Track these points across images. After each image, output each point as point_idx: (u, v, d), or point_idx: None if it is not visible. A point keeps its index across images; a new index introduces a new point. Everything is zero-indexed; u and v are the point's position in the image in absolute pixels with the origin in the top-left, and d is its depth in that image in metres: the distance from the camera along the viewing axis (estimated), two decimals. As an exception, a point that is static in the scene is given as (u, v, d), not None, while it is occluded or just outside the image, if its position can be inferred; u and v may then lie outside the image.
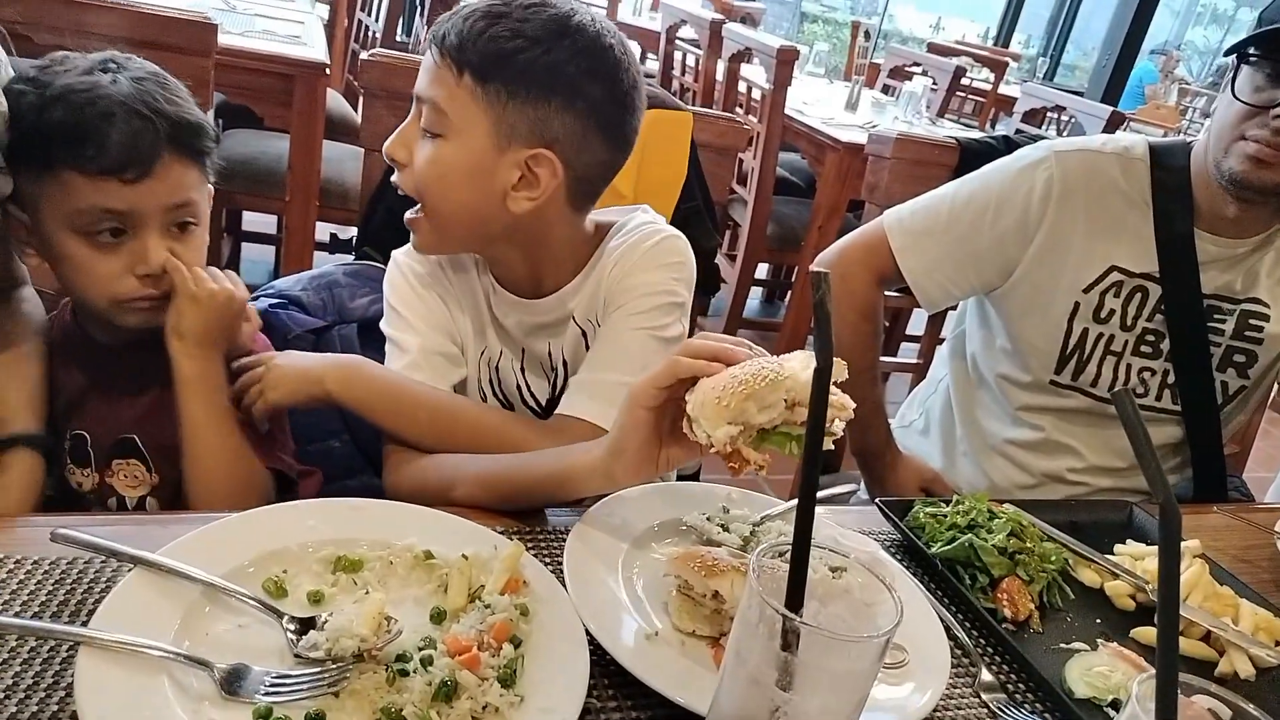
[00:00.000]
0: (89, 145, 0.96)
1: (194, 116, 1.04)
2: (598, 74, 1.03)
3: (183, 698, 0.66)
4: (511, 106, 1.01)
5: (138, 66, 1.05)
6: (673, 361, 0.83)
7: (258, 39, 2.48)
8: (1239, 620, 1.01)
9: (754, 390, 0.76)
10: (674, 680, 0.75)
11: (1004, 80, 5.93)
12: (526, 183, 1.05)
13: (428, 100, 1.03)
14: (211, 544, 0.79)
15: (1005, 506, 1.10)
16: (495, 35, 1.00)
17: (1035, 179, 1.41)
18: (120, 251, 1.01)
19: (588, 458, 0.91)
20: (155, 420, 1.11)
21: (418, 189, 1.07)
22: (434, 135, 1.04)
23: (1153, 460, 0.59)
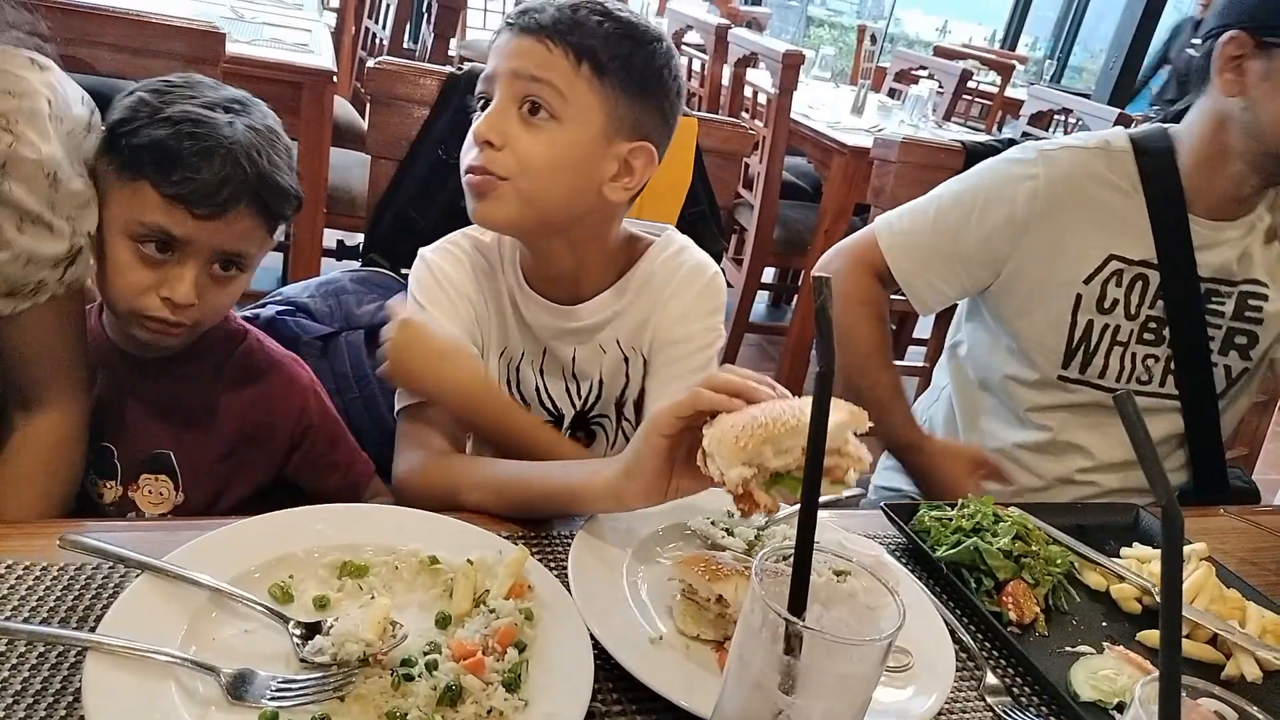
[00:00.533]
0: (178, 171, 0.98)
1: (286, 181, 1.07)
2: (677, 77, 1.12)
3: (189, 702, 0.67)
4: (624, 101, 1.06)
5: (260, 116, 1.07)
6: (695, 393, 0.84)
7: (265, 47, 2.49)
8: (1246, 623, 1.01)
9: (772, 434, 0.76)
10: (678, 684, 0.76)
11: (1011, 83, 5.92)
12: (622, 174, 1.09)
13: (545, 81, 1.03)
14: (218, 550, 0.80)
15: (1010, 510, 1.10)
16: (609, 32, 1.05)
17: (1022, 178, 1.43)
18: (158, 268, 1.02)
19: (598, 478, 0.91)
20: (191, 439, 1.13)
21: (517, 170, 1.05)
22: (548, 117, 1.04)
23: (1155, 462, 0.60)
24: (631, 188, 1.10)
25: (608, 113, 1.06)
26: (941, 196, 1.51)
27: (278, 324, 1.46)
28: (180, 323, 1.04)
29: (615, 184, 1.09)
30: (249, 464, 1.17)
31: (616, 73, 1.05)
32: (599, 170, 1.08)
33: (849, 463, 0.78)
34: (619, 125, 1.07)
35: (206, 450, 1.13)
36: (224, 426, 1.14)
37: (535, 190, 1.06)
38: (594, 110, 1.05)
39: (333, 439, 1.23)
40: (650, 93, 1.08)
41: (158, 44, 1.44)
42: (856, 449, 0.79)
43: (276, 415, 1.17)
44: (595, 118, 1.05)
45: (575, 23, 1.04)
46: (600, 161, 1.07)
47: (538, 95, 1.03)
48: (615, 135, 1.07)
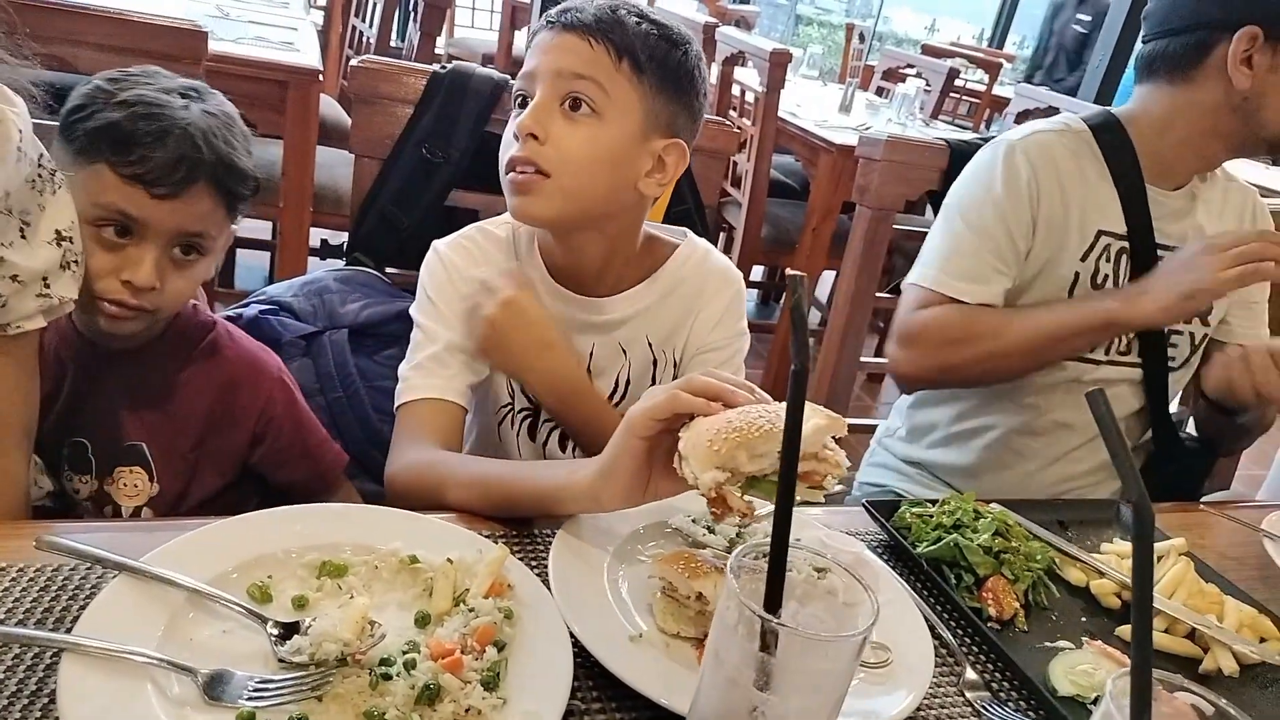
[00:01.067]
0: (134, 151, 0.99)
1: (242, 164, 1.08)
2: (705, 78, 1.17)
3: (166, 703, 0.66)
4: (660, 99, 1.10)
5: (215, 103, 1.08)
6: (672, 396, 0.84)
7: (251, 45, 2.48)
8: (1224, 617, 1.02)
9: (747, 439, 0.76)
10: (658, 681, 0.76)
11: (999, 81, 5.94)
12: (656, 169, 1.13)
13: (589, 77, 1.06)
14: (196, 550, 0.79)
15: (991, 506, 1.11)
16: (646, 32, 1.08)
17: (1013, 173, 1.45)
18: (117, 253, 1.02)
19: (576, 479, 0.91)
20: (163, 429, 1.13)
21: (559, 165, 1.07)
22: (590, 112, 1.07)
23: (1126, 458, 0.60)
24: (664, 183, 1.14)
25: (645, 110, 1.09)
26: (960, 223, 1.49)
27: (261, 323, 1.45)
28: (141, 307, 1.04)
29: (650, 179, 1.13)
30: (217, 453, 1.17)
31: (654, 71, 1.08)
32: (636, 166, 1.11)
33: (826, 468, 0.78)
34: (655, 122, 1.10)
35: (177, 440, 1.13)
36: (193, 416, 1.14)
37: (577, 185, 1.08)
38: (633, 107, 1.08)
39: (299, 432, 1.23)
40: (683, 91, 1.12)
41: (140, 43, 1.43)
42: (834, 454, 0.79)
43: (241, 405, 1.17)
44: (634, 114, 1.09)
45: (616, 21, 1.07)
46: (638, 157, 1.11)
47: (581, 91, 1.06)
48: (651, 132, 1.10)
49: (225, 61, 2.25)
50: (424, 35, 3.71)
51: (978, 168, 1.51)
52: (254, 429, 1.18)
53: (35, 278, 0.92)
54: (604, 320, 1.20)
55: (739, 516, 0.79)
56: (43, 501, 1.10)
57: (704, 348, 1.22)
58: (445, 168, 1.59)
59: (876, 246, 1.87)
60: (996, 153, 1.48)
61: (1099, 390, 0.61)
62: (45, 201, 0.92)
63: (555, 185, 1.07)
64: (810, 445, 0.77)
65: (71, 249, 0.95)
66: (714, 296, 1.23)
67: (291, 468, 1.22)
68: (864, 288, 1.88)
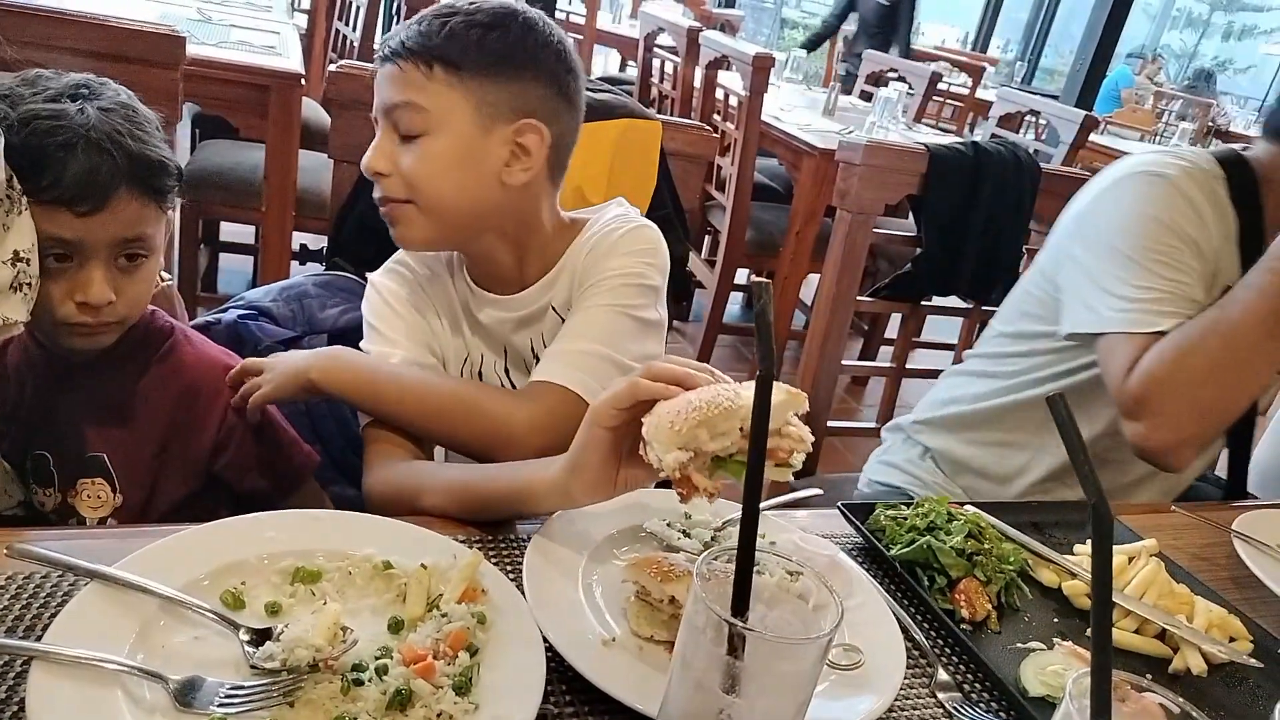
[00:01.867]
0: (46, 175, 0.95)
1: (157, 154, 1.04)
2: (548, 45, 1.12)
3: (137, 711, 0.67)
4: (489, 87, 1.08)
5: (110, 95, 1.04)
6: (633, 383, 0.84)
7: (232, 49, 2.48)
8: (1194, 617, 1.03)
9: (707, 417, 0.77)
10: (630, 686, 0.76)
11: (982, 85, 5.99)
12: (516, 156, 1.10)
13: (402, 104, 1.07)
14: (168, 557, 0.79)
15: (965, 508, 1.12)
16: (454, 28, 1.07)
17: (1183, 198, 1.37)
18: (64, 278, 1.00)
19: (546, 475, 0.92)
20: (123, 440, 1.12)
21: (410, 190, 1.09)
22: (416, 137, 1.07)
23: (1085, 461, 0.61)
24: (531, 168, 1.11)
25: (475, 104, 1.07)
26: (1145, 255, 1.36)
27: (240, 328, 1.45)
28: (105, 321, 1.03)
29: (512, 169, 1.11)
30: (180, 462, 1.15)
31: (472, 63, 1.07)
32: (488, 161, 1.10)
33: (790, 443, 0.78)
34: (493, 112, 1.08)
35: (138, 450, 1.12)
36: (153, 425, 1.13)
37: (433, 202, 1.09)
38: (457, 108, 1.07)
39: (263, 437, 1.20)
40: (518, 70, 1.09)
41: (117, 47, 1.42)
42: (799, 429, 0.79)
43: (201, 412, 1.15)
44: (462, 115, 1.07)
45: (420, 34, 1.07)
46: (486, 153, 1.09)
47: (400, 119, 1.08)
48: (493, 123, 1.09)
49: (206, 65, 2.25)
50: (407, 39, 3.69)
51: (1137, 198, 1.40)
52: (216, 436, 1.16)
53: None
54: (530, 312, 1.21)
55: (706, 497, 0.79)
56: (14, 511, 1.09)
57: (585, 285, 1.16)
58: (424, 173, 1.59)
59: (857, 250, 1.88)
60: (1156, 181, 1.39)
61: (1059, 395, 0.62)
62: (10, 223, 0.91)
63: (414, 209, 1.10)
64: (773, 422, 0.76)
65: (27, 271, 0.93)
66: (601, 241, 1.18)
67: (257, 474, 1.20)
68: (845, 291, 1.90)
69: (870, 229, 1.87)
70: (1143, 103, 8.58)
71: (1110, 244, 1.39)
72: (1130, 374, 1.29)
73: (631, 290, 1.15)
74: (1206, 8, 14.19)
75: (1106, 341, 1.36)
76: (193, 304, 2.77)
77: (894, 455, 1.75)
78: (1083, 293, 1.42)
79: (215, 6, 3.02)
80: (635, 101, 1.79)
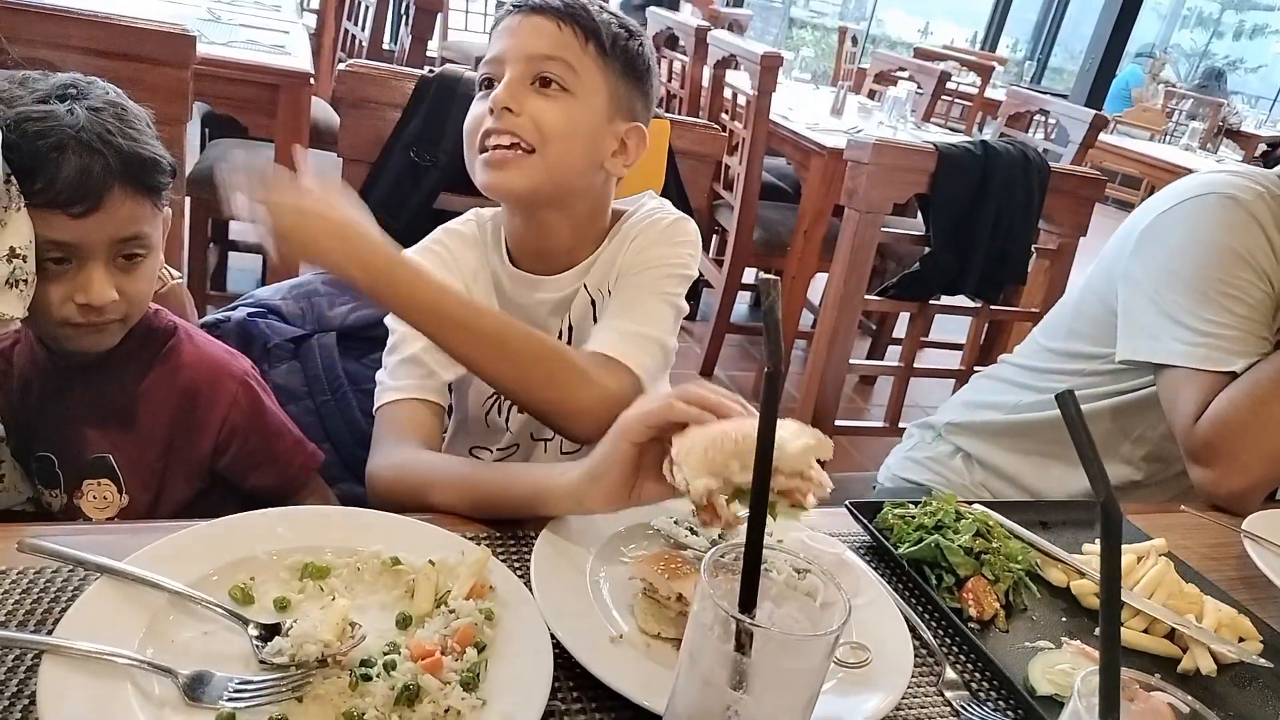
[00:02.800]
0: (38, 178, 0.95)
1: (148, 151, 1.04)
2: (654, 65, 1.21)
3: (146, 704, 0.67)
4: (622, 83, 1.15)
5: (99, 94, 1.03)
6: (668, 404, 0.85)
7: (242, 49, 2.49)
8: (1203, 617, 1.02)
9: (740, 451, 0.78)
10: (638, 682, 0.76)
11: (991, 84, 5.97)
12: (620, 151, 1.17)
13: (557, 58, 1.10)
14: (178, 552, 0.80)
15: (974, 507, 1.11)
16: (608, 20, 1.14)
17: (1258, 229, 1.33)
18: (64, 279, 1.00)
19: (563, 480, 0.92)
20: (128, 441, 1.12)
21: (541, 138, 1.09)
22: (561, 90, 1.10)
23: (1095, 459, 0.61)
24: (628, 165, 1.18)
25: (610, 91, 1.13)
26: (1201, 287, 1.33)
27: (249, 326, 1.46)
28: (108, 320, 1.03)
29: (615, 160, 1.17)
30: (184, 462, 1.15)
31: (618, 56, 1.13)
32: (604, 145, 1.15)
33: (809, 487, 0.79)
34: (618, 105, 1.15)
35: (143, 451, 1.11)
36: (157, 425, 1.12)
37: (556, 158, 1.11)
38: (599, 87, 1.13)
39: (266, 436, 1.19)
40: (641, 79, 1.17)
41: (127, 47, 1.43)
42: (819, 475, 0.80)
43: (203, 412, 1.14)
44: (601, 94, 1.13)
45: (581, 6, 1.12)
46: (604, 137, 1.15)
47: (550, 71, 1.10)
48: (615, 114, 1.15)
49: (216, 65, 2.26)
50: (415, 39, 3.72)
51: (1210, 223, 1.35)
52: (218, 435, 1.15)
53: None
54: (567, 294, 1.22)
55: (725, 526, 0.80)
56: (23, 507, 1.10)
57: (632, 268, 1.18)
58: (433, 171, 1.59)
59: (865, 249, 1.88)
60: (1230, 205, 1.34)
61: (1069, 392, 0.62)
62: (6, 219, 0.91)
63: (538, 159, 1.10)
64: (797, 464, 0.78)
65: (23, 267, 0.93)
66: (648, 229, 1.21)
67: (261, 473, 1.19)
68: (853, 290, 1.90)
69: (878, 228, 1.87)
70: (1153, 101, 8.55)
71: (1176, 269, 1.34)
72: (1200, 419, 1.26)
73: (676, 280, 1.20)
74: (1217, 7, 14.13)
75: (1171, 376, 1.32)
76: (202, 302, 2.78)
77: (921, 452, 1.74)
78: (1143, 317, 1.37)
79: (225, 6, 3.03)
80: (643, 100, 1.79)
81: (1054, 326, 1.64)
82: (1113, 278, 1.47)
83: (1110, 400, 1.49)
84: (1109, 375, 1.49)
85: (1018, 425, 1.61)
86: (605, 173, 1.17)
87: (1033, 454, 1.59)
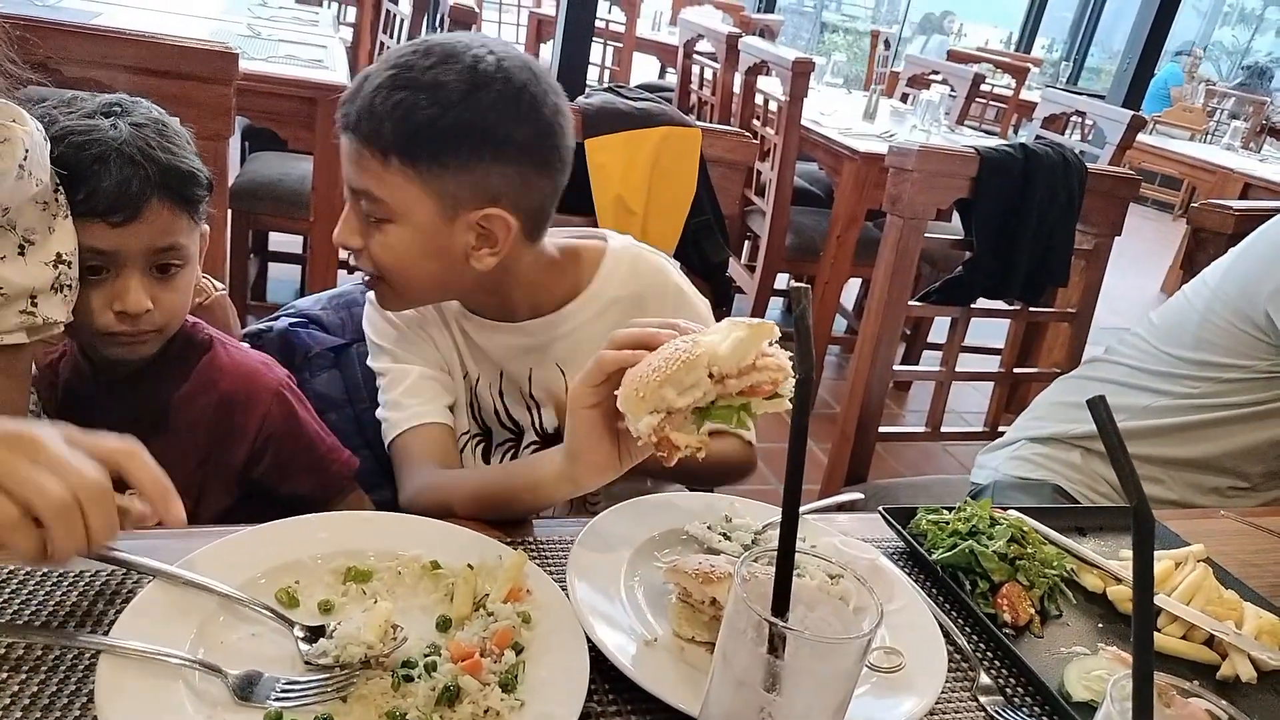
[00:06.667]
0: (81, 188, 1.00)
1: (187, 165, 1.08)
2: (520, 116, 1.02)
3: (198, 703, 0.69)
4: (448, 176, 1.01)
5: (142, 112, 1.08)
6: (599, 357, 0.85)
7: (281, 64, 2.55)
8: (1243, 624, 1.01)
9: (670, 376, 0.77)
10: (672, 684, 0.77)
11: (1027, 85, 5.91)
12: (484, 240, 1.06)
13: (362, 191, 1.03)
14: (227, 556, 0.82)
15: (1008, 513, 1.11)
16: (410, 107, 0.98)
17: None
18: (102, 288, 1.04)
19: (552, 468, 0.93)
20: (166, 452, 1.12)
21: (378, 270, 1.08)
22: (382, 221, 1.04)
23: (1126, 462, 0.61)
24: (499, 251, 1.06)
25: (435, 196, 1.01)
26: None
27: (290, 336, 1.49)
28: (144, 330, 1.07)
29: (479, 253, 1.06)
30: (222, 471, 1.17)
31: (429, 153, 0.99)
32: (454, 248, 1.05)
33: (771, 374, 0.78)
34: (455, 201, 1.02)
35: (182, 461, 1.13)
36: (194, 435, 1.15)
37: (404, 283, 1.09)
38: (419, 201, 1.02)
39: (301, 444, 1.22)
40: (480, 154, 1.01)
41: (173, 65, 1.47)
42: (774, 358, 0.79)
43: (239, 422, 1.17)
44: (423, 207, 1.02)
45: (374, 114, 0.99)
46: (451, 240, 1.04)
47: (365, 205, 1.04)
48: (456, 211, 1.03)
49: (256, 80, 2.31)
50: (450, 50, 3.75)
51: None
52: (253, 444, 1.18)
53: (22, 294, 0.94)
54: (535, 342, 1.19)
55: (692, 453, 0.79)
56: None
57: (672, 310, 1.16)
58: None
59: (908, 255, 1.86)
60: None
61: (1100, 397, 0.62)
62: (56, 225, 0.96)
63: (389, 286, 1.09)
64: (736, 362, 0.77)
65: (69, 273, 0.98)
66: (656, 300, 1.18)
67: (296, 480, 1.22)
68: (896, 296, 1.88)
69: (922, 234, 1.86)
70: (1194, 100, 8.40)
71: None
72: None
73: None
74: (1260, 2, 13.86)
75: None
76: (243, 312, 2.83)
77: (1030, 450, 1.74)
78: None
79: (265, 22, 3.10)
80: (674, 109, 1.80)
81: (1174, 333, 1.65)
82: (1255, 295, 1.51)
83: (1250, 409, 1.54)
84: (1246, 384, 1.54)
85: (1146, 429, 1.63)
86: (476, 269, 1.06)
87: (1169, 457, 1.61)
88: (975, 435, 2.08)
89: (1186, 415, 1.58)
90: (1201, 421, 1.56)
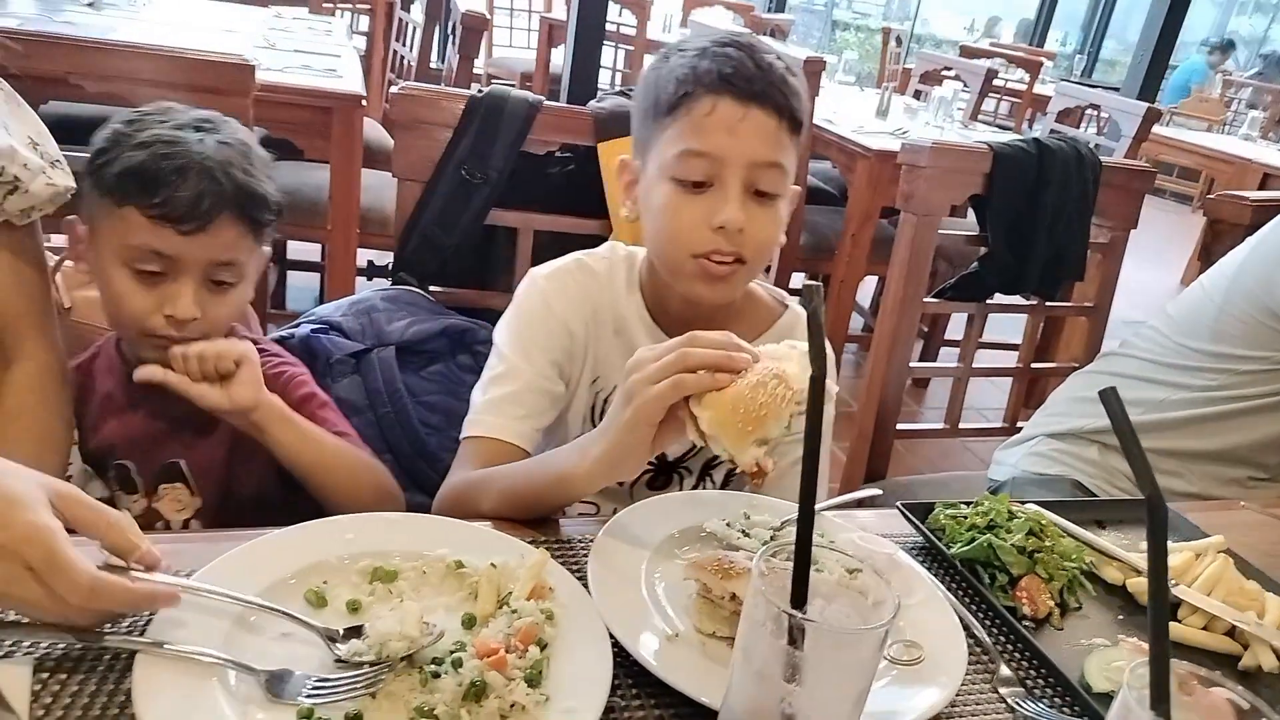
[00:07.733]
0: (158, 192, 1.04)
1: (261, 189, 1.13)
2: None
3: (231, 700, 0.71)
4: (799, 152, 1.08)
5: (230, 132, 1.13)
6: (677, 383, 0.86)
7: (296, 74, 2.57)
8: (1265, 614, 1.01)
9: (773, 410, 0.82)
10: (694, 679, 0.79)
11: (1040, 79, 5.88)
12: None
13: (775, 164, 1.04)
14: (257, 559, 0.84)
15: (1027, 507, 1.12)
16: (796, 87, 1.05)
17: None
18: (156, 289, 1.08)
19: (584, 467, 0.95)
20: (197, 444, 1.18)
21: (754, 250, 1.06)
22: (773, 197, 1.05)
23: (1139, 454, 0.62)
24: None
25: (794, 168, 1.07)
26: None
27: (312, 342, 1.51)
28: (187, 338, 1.09)
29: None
30: (250, 460, 1.20)
31: (803, 125, 1.06)
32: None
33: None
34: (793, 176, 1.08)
35: (211, 453, 1.18)
36: (221, 429, 1.18)
37: (760, 264, 1.10)
38: (793, 170, 1.06)
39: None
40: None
41: (192, 78, 1.50)
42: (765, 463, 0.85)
43: None
44: (792, 177, 1.07)
45: (793, 89, 1.04)
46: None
47: (768, 181, 1.04)
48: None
49: (271, 90, 2.33)
50: (462, 57, 3.79)
51: None
52: None
53: (39, 169, 1.02)
54: None
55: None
56: None
57: None
58: (484, 188, 1.64)
59: (923, 252, 1.86)
60: None
61: (1112, 389, 0.63)
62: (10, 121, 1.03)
63: (749, 269, 1.09)
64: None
65: (48, 151, 1.05)
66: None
67: None
68: (911, 294, 1.88)
69: (936, 230, 1.86)
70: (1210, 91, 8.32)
71: None
72: None
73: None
74: (1277, -10, 13.74)
75: None
76: (263, 320, 2.84)
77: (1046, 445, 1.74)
78: None
79: (279, 33, 3.13)
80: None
81: (1191, 325, 1.65)
82: (1273, 286, 1.51)
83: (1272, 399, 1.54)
84: (1265, 375, 1.54)
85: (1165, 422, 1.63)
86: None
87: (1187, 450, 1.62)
88: (995, 431, 2.08)
89: (1204, 408, 1.58)
90: (1219, 413, 1.56)
